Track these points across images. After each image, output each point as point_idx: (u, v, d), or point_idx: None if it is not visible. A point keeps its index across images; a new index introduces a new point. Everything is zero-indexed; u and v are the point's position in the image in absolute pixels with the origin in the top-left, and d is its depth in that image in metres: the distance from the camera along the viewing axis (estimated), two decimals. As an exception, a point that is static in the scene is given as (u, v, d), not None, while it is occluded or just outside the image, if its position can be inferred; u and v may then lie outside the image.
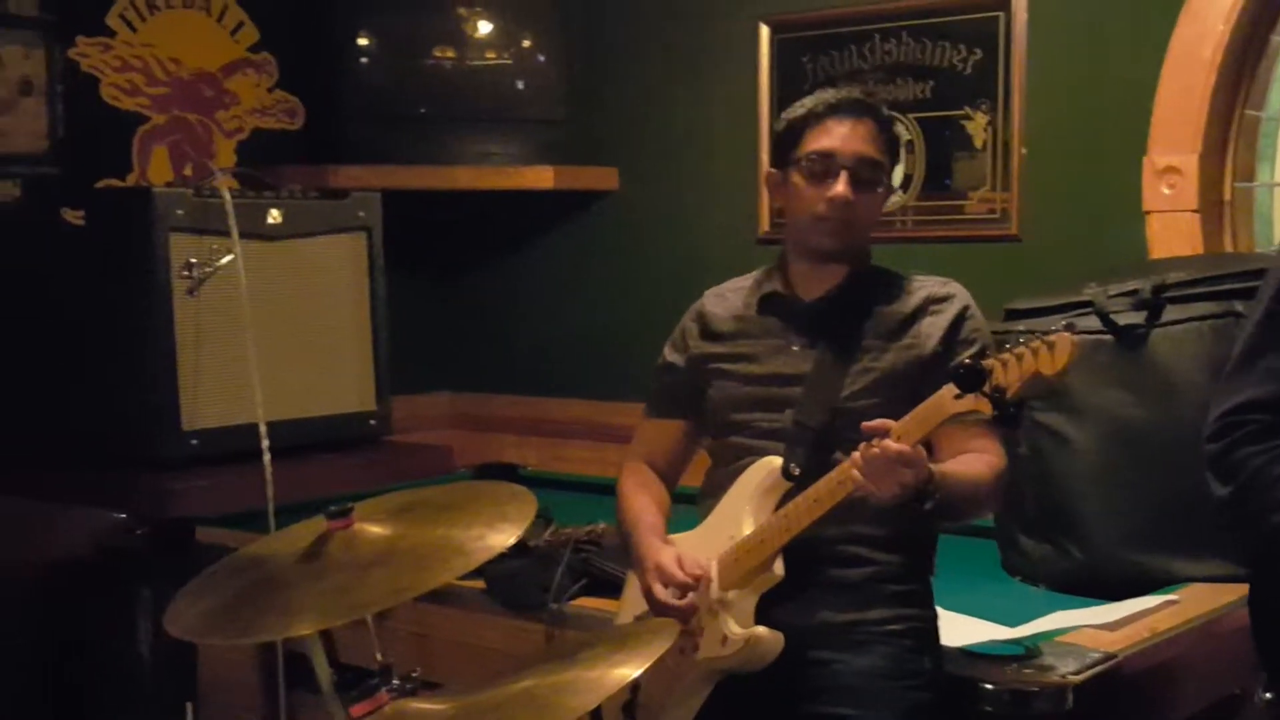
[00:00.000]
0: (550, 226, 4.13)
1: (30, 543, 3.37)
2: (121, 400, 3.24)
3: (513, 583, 2.61)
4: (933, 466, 1.87)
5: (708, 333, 2.20)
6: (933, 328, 2.06)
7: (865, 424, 1.86)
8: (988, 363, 1.78)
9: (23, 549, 3.36)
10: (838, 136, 2.05)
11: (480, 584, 2.69)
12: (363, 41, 4.01)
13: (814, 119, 2.07)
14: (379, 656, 1.98)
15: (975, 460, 1.98)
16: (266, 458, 2.99)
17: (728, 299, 2.21)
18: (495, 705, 1.75)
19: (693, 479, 2.32)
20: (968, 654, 2.05)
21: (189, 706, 2.73)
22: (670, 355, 2.26)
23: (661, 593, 2.05)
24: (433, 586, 1.93)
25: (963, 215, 3.33)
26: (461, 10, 3.97)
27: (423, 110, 3.99)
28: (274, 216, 3.39)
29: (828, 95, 2.10)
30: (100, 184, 3.73)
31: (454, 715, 1.77)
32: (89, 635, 3.28)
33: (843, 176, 2.03)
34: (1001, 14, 3.23)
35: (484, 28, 3.98)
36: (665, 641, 1.71)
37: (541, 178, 3.92)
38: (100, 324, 3.29)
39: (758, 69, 3.62)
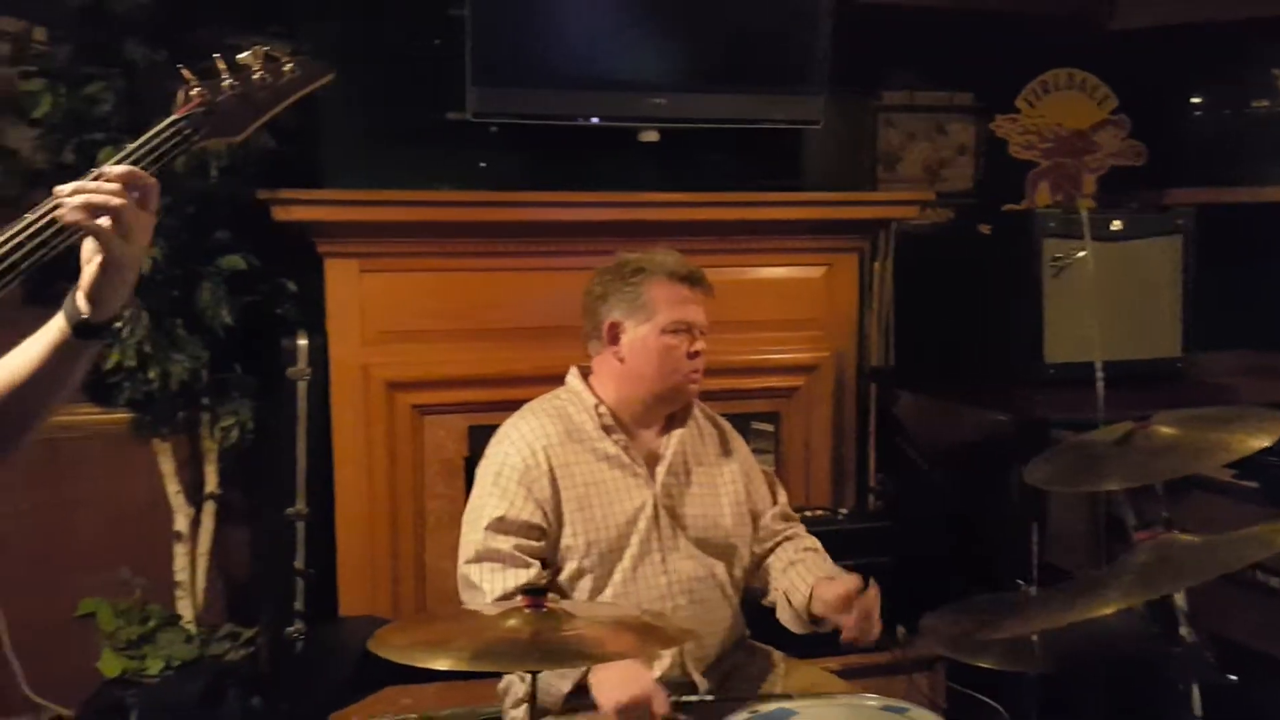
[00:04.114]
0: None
1: (940, 430, 4.22)
2: (1007, 340, 3.99)
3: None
4: None
5: None
6: None
7: None
8: None
9: (935, 433, 4.22)
10: None
11: (1254, 484, 3.13)
12: (1196, 100, 4.72)
13: None
14: (1165, 515, 2.25)
15: None
16: (1099, 385, 3.44)
17: None
18: (1240, 540, 2.13)
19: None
20: None
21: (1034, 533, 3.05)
22: None
23: None
24: (1203, 469, 2.42)
25: None
26: (1276, 70, 4.60)
27: (1241, 146, 4.58)
28: (1115, 225, 3.98)
29: None
30: (1003, 209, 4.61)
31: (1208, 545, 2.15)
32: (982, 507, 3.89)
33: None
34: None
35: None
36: None
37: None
38: (998, 293, 4.07)
39: None
